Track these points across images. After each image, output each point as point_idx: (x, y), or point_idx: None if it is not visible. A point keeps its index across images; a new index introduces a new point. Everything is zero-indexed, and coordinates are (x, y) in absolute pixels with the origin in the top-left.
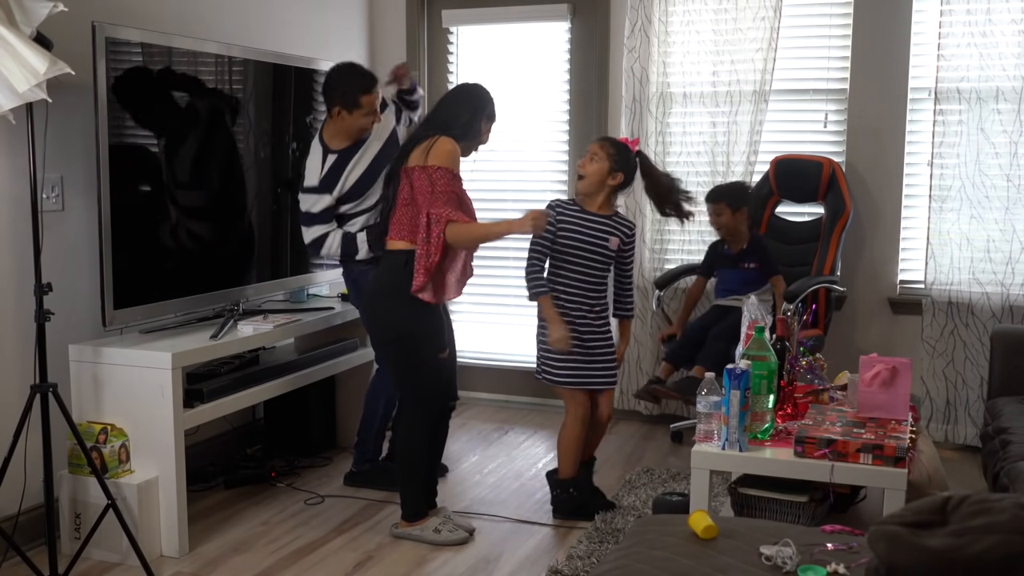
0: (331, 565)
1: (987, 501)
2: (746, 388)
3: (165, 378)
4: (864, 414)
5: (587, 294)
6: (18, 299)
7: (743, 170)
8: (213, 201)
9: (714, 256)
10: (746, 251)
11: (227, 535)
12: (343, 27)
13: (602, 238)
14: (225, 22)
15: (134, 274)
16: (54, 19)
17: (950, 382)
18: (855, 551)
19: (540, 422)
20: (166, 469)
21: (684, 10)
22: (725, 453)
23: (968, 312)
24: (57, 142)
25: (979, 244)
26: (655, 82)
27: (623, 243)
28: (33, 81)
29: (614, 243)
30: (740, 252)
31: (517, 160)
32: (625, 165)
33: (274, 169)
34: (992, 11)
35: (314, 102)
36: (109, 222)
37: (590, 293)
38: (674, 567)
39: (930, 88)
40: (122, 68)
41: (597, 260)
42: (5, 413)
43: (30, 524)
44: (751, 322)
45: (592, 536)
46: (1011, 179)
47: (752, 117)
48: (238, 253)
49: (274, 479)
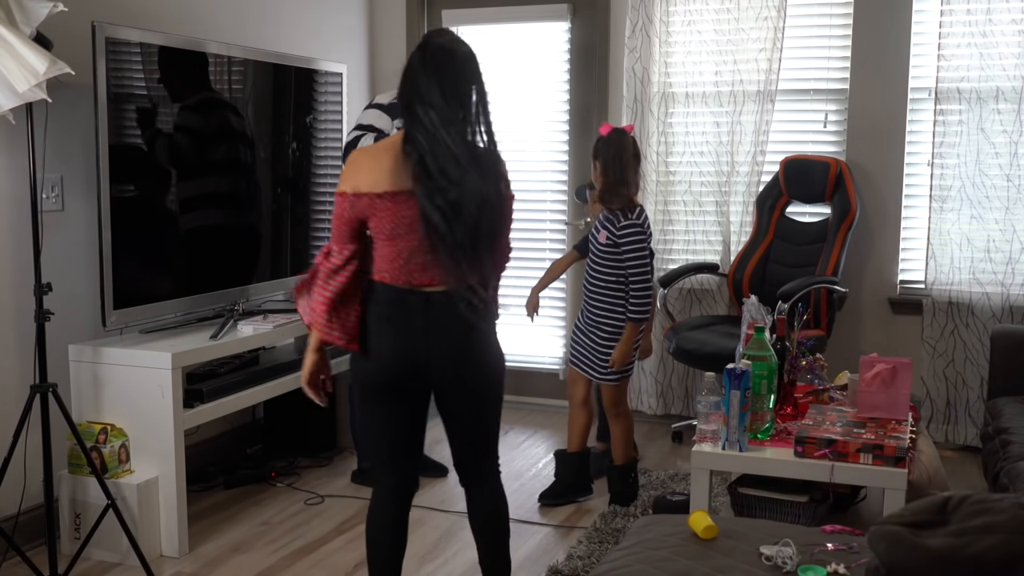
0: (331, 565)
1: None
2: (746, 388)
3: (165, 378)
4: (864, 414)
5: (587, 284)
6: (18, 299)
7: (748, 170)
8: (213, 201)
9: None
10: None
11: (227, 535)
12: (343, 27)
13: (596, 232)
14: (225, 22)
15: (134, 274)
16: (54, 19)
17: (950, 382)
18: (855, 551)
19: (540, 422)
20: (166, 469)
21: (685, 10)
22: (725, 453)
23: (968, 312)
24: (57, 142)
25: (979, 244)
26: (656, 82)
27: (611, 236)
28: (33, 81)
29: (603, 236)
30: None
31: (517, 160)
32: (597, 151)
33: (274, 169)
34: (992, 11)
35: (314, 102)
36: (109, 222)
37: (588, 284)
38: (674, 567)
39: (930, 88)
40: (122, 68)
41: (593, 253)
42: (5, 413)
43: (30, 524)
44: (751, 322)
45: (592, 536)
46: (1011, 179)
47: (757, 117)
48: (238, 253)
49: (274, 479)
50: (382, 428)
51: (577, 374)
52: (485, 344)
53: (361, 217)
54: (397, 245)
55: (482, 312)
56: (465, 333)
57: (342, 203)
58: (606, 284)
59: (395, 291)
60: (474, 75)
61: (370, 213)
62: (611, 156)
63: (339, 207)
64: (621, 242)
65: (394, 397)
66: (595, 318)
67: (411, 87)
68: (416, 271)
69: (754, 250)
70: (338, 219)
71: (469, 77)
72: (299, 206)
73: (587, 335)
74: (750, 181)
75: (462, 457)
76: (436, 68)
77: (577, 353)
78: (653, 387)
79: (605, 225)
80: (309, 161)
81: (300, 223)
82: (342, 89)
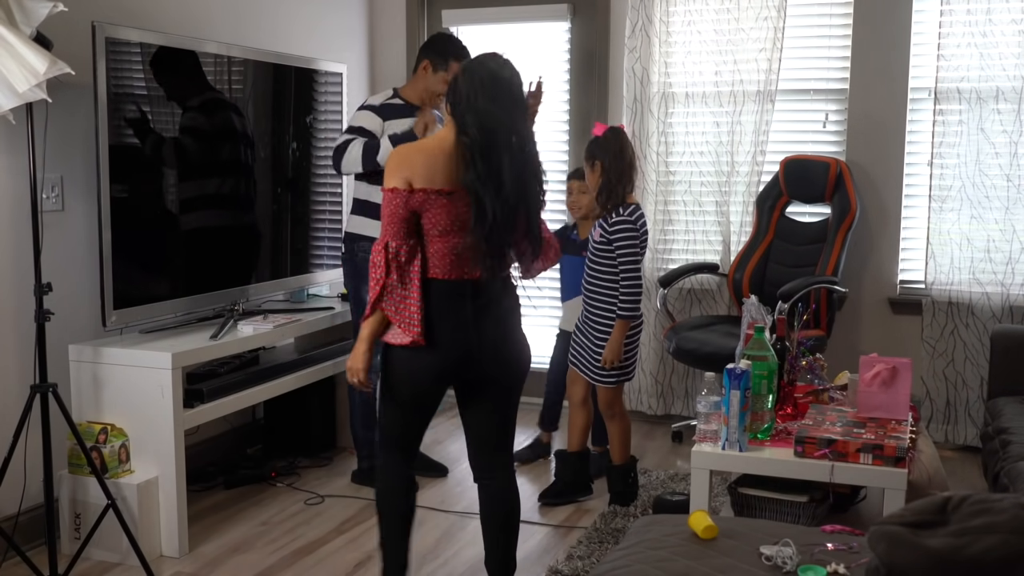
0: (331, 565)
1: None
2: (746, 388)
3: (165, 378)
4: (864, 414)
5: (584, 284)
6: (18, 299)
7: (749, 170)
8: (213, 201)
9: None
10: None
11: (227, 535)
12: (343, 27)
13: (592, 231)
14: (225, 22)
15: (134, 274)
16: (54, 19)
17: (950, 382)
18: (855, 551)
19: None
20: (166, 469)
21: (685, 10)
22: (725, 453)
23: (968, 312)
24: (57, 142)
25: (979, 244)
26: (656, 82)
27: (604, 234)
28: (33, 81)
29: (597, 234)
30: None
31: None
32: (595, 153)
33: (274, 169)
34: (992, 11)
35: (314, 102)
36: (109, 222)
37: (585, 283)
38: (674, 567)
39: (930, 88)
40: (122, 68)
41: (590, 252)
42: (5, 413)
43: (30, 524)
44: (751, 322)
45: (592, 536)
46: (1011, 179)
47: (758, 117)
48: (238, 253)
49: (274, 479)
50: (414, 424)
51: (576, 374)
52: (521, 334)
53: (416, 211)
54: (449, 241)
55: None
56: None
57: (395, 199)
58: (601, 283)
59: (449, 285)
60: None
61: (425, 208)
62: (612, 156)
63: (392, 204)
64: (613, 239)
65: (438, 392)
66: (592, 317)
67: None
68: (466, 265)
69: (754, 250)
70: (392, 216)
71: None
72: (299, 206)
73: (585, 335)
74: (750, 181)
75: (482, 447)
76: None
77: (576, 353)
78: (653, 387)
79: (600, 223)
80: (309, 161)
81: (300, 223)
82: (342, 89)
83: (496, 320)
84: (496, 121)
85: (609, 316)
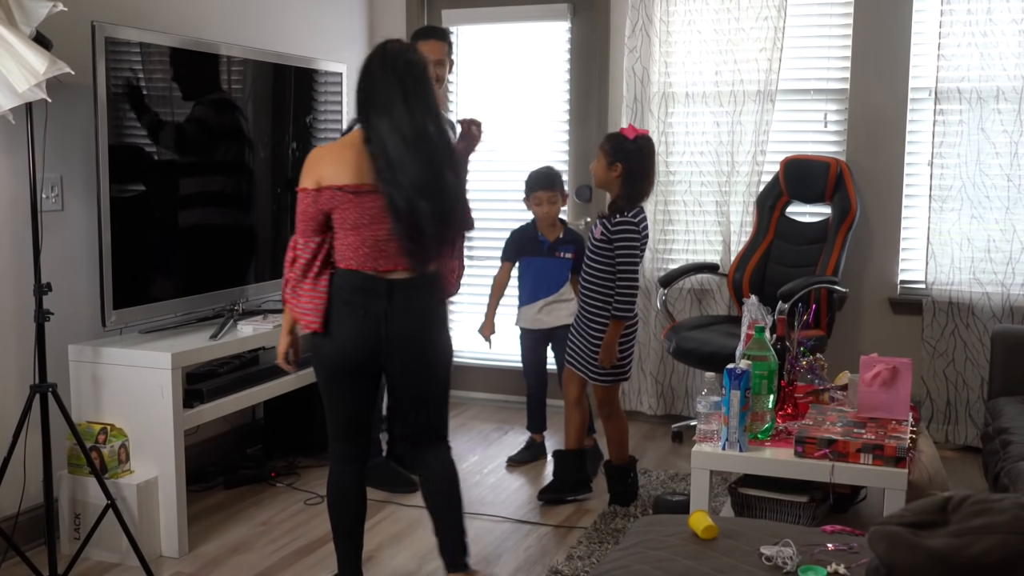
0: (331, 565)
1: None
2: (746, 388)
3: (165, 378)
4: (864, 414)
5: (582, 282)
6: (18, 299)
7: (749, 170)
8: (213, 201)
9: (523, 243)
10: (563, 239)
11: (227, 535)
12: (343, 27)
13: (592, 228)
14: (225, 22)
15: (134, 274)
16: (54, 19)
17: (950, 382)
18: (855, 551)
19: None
20: (166, 469)
21: (685, 10)
22: (725, 453)
23: (968, 312)
24: (57, 142)
25: (979, 244)
26: (656, 82)
27: (605, 232)
28: (33, 81)
29: (598, 232)
30: (556, 240)
31: (517, 160)
32: (621, 155)
33: (274, 169)
34: (992, 11)
35: (314, 102)
36: (109, 222)
37: (583, 282)
38: (674, 567)
39: (930, 88)
40: (122, 68)
41: (589, 251)
42: (5, 413)
43: (30, 524)
44: (751, 322)
45: (592, 536)
46: (1011, 179)
47: (758, 117)
48: (238, 253)
49: (274, 479)
50: (341, 406)
51: (572, 373)
52: (440, 327)
53: (325, 210)
54: (361, 234)
55: (440, 296)
56: (422, 317)
57: (305, 199)
58: (599, 282)
59: (360, 277)
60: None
61: (333, 206)
62: (638, 167)
63: (302, 203)
64: (614, 238)
65: (353, 376)
66: (588, 316)
67: (369, 88)
68: (381, 258)
69: (754, 250)
70: (302, 215)
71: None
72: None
73: (581, 333)
74: (750, 181)
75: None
76: (396, 71)
77: (572, 352)
78: (653, 387)
79: (602, 222)
80: None
81: None
82: (342, 89)
83: (412, 315)
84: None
85: (606, 314)
